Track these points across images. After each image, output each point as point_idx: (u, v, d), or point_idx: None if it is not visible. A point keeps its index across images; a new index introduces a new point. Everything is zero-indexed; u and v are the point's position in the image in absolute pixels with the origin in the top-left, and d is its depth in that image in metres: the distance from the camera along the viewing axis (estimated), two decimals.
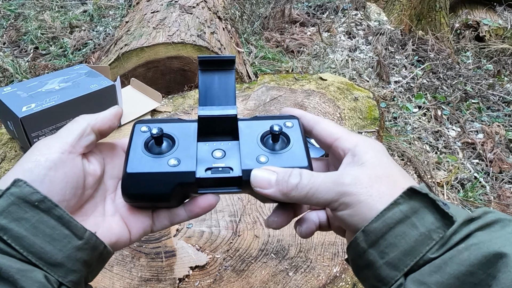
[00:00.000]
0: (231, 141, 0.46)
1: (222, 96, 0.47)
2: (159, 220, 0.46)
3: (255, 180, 0.41)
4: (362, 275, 0.40)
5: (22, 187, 0.35)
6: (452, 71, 2.54)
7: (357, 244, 0.38)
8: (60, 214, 0.36)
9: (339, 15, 3.11)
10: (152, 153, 0.44)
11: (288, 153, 0.45)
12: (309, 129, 0.48)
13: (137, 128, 0.46)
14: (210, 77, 0.48)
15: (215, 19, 1.85)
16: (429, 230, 0.35)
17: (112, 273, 0.70)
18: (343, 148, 0.43)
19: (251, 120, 0.48)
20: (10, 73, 2.17)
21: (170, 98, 1.27)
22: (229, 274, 0.71)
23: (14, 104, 0.91)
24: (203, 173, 0.43)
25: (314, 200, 0.40)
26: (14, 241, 0.34)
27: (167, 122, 0.47)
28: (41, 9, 3.01)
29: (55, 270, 0.35)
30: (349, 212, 0.39)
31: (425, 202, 0.36)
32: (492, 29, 3.26)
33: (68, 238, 0.36)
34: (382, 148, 0.43)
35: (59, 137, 0.41)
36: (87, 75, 1.05)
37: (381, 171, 0.40)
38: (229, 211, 0.82)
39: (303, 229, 0.48)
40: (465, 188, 1.75)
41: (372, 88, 2.24)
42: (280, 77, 1.37)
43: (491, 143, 1.98)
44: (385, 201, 0.37)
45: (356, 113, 1.18)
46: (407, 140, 1.93)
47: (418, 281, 0.34)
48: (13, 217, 0.34)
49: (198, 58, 0.47)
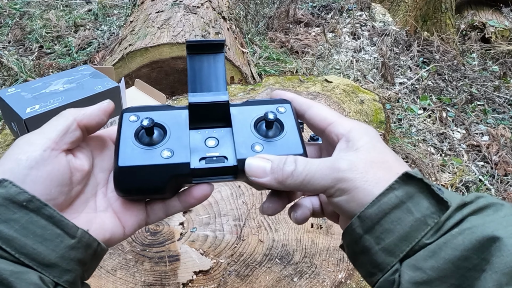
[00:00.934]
0: (223, 128, 0.45)
1: (212, 82, 0.46)
2: (153, 213, 0.45)
3: (250, 169, 0.41)
4: (358, 262, 0.40)
5: (8, 187, 0.34)
6: (458, 72, 2.53)
7: (353, 230, 0.38)
8: (50, 213, 0.35)
9: (344, 16, 3.10)
10: (144, 143, 0.42)
11: (283, 140, 0.44)
12: (301, 113, 0.47)
13: (126, 117, 0.44)
14: (199, 62, 0.46)
15: (220, 19, 1.85)
16: (424, 215, 0.35)
17: (115, 277, 0.70)
18: (336, 133, 0.43)
19: (243, 106, 0.47)
20: (15, 72, 2.17)
21: (174, 99, 1.27)
22: (233, 279, 0.70)
23: (18, 105, 0.91)
24: (197, 164, 0.42)
25: (310, 187, 0.39)
26: (4, 243, 0.33)
27: (156, 109, 0.45)
28: (46, 8, 3.01)
29: (49, 270, 0.34)
30: (345, 198, 0.38)
31: (420, 187, 0.36)
32: (498, 31, 3.24)
33: (60, 238, 0.35)
34: (376, 134, 0.43)
35: (42, 133, 0.39)
36: (91, 76, 1.04)
37: (376, 156, 0.39)
38: (234, 215, 0.81)
39: (298, 215, 0.48)
40: (470, 190, 1.74)
41: (377, 90, 2.23)
42: (285, 79, 1.36)
43: (496, 145, 1.97)
44: (381, 186, 0.37)
45: (362, 116, 1.17)
46: (411, 142, 1.92)
47: (413, 266, 0.34)
48: (1, 219, 0.33)
49: (186, 42, 0.46)
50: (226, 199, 0.84)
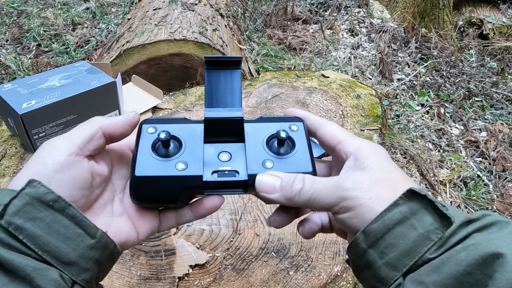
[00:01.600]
0: (236, 143, 0.47)
1: (228, 98, 0.48)
2: (166, 220, 0.47)
3: (260, 185, 0.42)
4: (362, 276, 0.41)
5: (37, 187, 0.36)
6: (456, 69, 2.53)
7: (357, 244, 0.39)
8: (73, 214, 0.37)
9: (341, 13, 3.09)
10: (160, 155, 0.44)
11: (293, 158, 0.45)
12: (313, 131, 0.49)
13: (144, 129, 0.46)
14: (216, 78, 0.48)
15: (217, 16, 1.84)
16: (427, 231, 0.36)
17: (111, 272, 0.70)
18: (345, 152, 0.44)
19: (257, 122, 0.49)
20: (12, 70, 2.16)
21: (171, 95, 1.27)
22: (229, 273, 0.70)
23: (14, 101, 0.91)
24: (209, 177, 0.44)
25: (316, 205, 0.41)
26: (29, 241, 0.34)
27: (173, 122, 0.48)
28: (43, 6, 3.00)
29: (68, 268, 0.36)
30: (349, 215, 0.39)
31: (424, 204, 0.37)
32: (496, 27, 3.24)
33: (81, 237, 0.37)
34: (384, 153, 0.44)
35: (68, 138, 0.41)
36: (87, 71, 1.04)
37: (382, 175, 0.40)
38: (230, 209, 0.81)
39: (306, 230, 0.50)
40: (468, 186, 1.74)
41: (375, 86, 2.23)
42: (282, 74, 1.36)
43: (494, 141, 1.96)
44: (384, 204, 0.38)
45: (359, 110, 1.17)
46: (409, 138, 1.92)
47: (416, 280, 0.35)
48: (28, 217, 0.35)
49: (204, 58, 0.47)
50: None
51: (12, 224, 0.34)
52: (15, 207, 0.35)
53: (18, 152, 1.00)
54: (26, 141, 0.94)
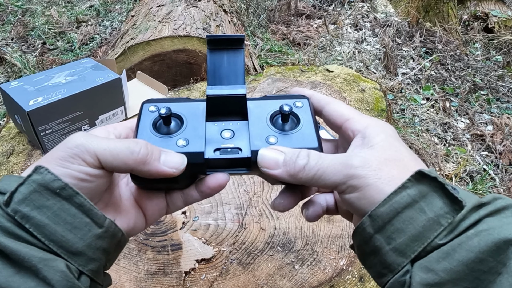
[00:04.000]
0: (240, 121, 0.45)
1: (231, 75, 0.46)
2: (172, 202, 0.46)
3: (262, 160, 0.40)
4: (368, 262, 0.39)
5: (44, 174, 0.34)
6: (461, 62, 2.52)
7: (363, 229, 0.37)
8: (81, 202, 0.35)
9: (345, 7, 3.09)
10: (161, 133, 0.43)
11: (298, 133, 0.44)
12: (319, 110, 0.47)
13: (145, 107, 0.46)
14: (218, 57, 0.47)
15: (221, 12, 1.84)
16: (437, 215, 0.34)
17: (118, 267, 0.70)
18: (353, 130, 0.42)
19: (261, 100, 0.47)
20: (18, 68, 2.18)
21: (176, 91, 1.27)
22: (235, 267, 0.71)
23: (21, 98, 0.92)
24: (211, 154, 0.42)
25: (321, 182, 0.39)
26: (36, 230, 0.33)
27: (175, 101, 0.46)
28: (48, 4, 3.02)
29: (75, 258, 0.35)
30: (357, 195, 0.37)
31: (434, 186, 0.35)
32: (501, 21, 3.22)
33: (88, 226, 0.36)
34: (393, 132, 0.42)
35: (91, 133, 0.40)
36: (93, 68, 1.05)
37: (392, 154, 0.38)
38: (235, 204, 0.82)
39: (310, 213, 0.48)
40: (474, 180, 1.74)
41: (380, 80, 2.22)
42: (286, 69, 1.36)
43: (500, 135, 1.96)
44: (394, 185, 0.36)
45: (363, 104, 1.17)
46: (415, 132, 1.92)
47: (425, 267, 0.33)
48: (35, 205, 0.34)
49: (206, 37, 0.46)
50: (227, 187, 0.85)
51: (19, 212, 0.33)
52: (21, 195, 0.34)
53: (26, 149, 1.00)
54: (33, 138, 0.95)
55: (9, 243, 0.32)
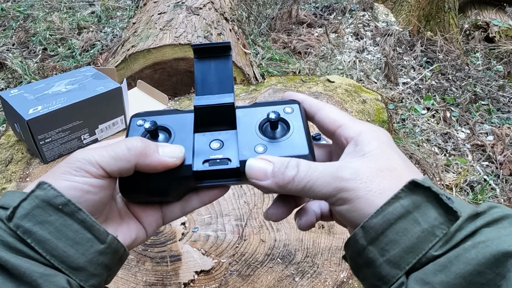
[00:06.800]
0: (229, 131, 0.44)
1: (219, 84, 0.45)
2: (170, 210, 0.46)
3: (250, 171, 0.39)
4: (361, 274, 0.38)
5: (46, 190, 0.35)
6: (461, 72, 2.52)
7: (356, 241, 0.36)
8: (83, 218, 0.36)
9: (346, 16, 3.10)
10: None
11: (287, 140, 0.42)
12: (311, 115, 0.46)
13: (133, 122, 0.45)
14: (206, 66, 0.46)
15: (222, 20, 1.85)
16: (432, 226, 0.33)
17: (116, 277, 0.70)
18: (346, 137, 0.41)
19: (250, 108, 0.46)
20: (19, 74, 2.18)
21: (176, 100, 1.27)
22: (235, 279, 0.70)
23: (21, 107, 0.91)
24: (200, 166, 0.41)
25: (311, 194, 0.38)
26: (37, 245, 0.34)
27: (163, 114, 0.46)
28: (49, 10, 3.02)
29: (76, 274, 0.35)
30: (347, 208, 0.37)
31: (428, 196, 0.34)
32: (502, 30, 3.23)
33: (90, 242, 0.36)
34: (388, 138, 0.40)
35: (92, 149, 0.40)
36: (93, 77, 1.05)
37: (384, 163, 0.37)
38: (235, 215, 0.81)
39: (303, 222, 0.47)
40: (475, 190, 1.73)
41: (380, 90, 2.23)
42: (287, 79, 1.36)
43: (501, 145, 1.95)
44: (385, 197, 0.35)
45: (364, 115, 1.17)
46: (415, 142, 1.92)
47: (421, 280, 0.33)
48: (37, 220, 0.34)
49: (191, 46, 0.45)
50: (227, 199, 0.84)
51: (21, 227, 0.33)
52: (24, 210, 0.34)
53: (25, 157, 1.00)
54: (32, 147, 0.95)
55: (10, 258, 0.32)
